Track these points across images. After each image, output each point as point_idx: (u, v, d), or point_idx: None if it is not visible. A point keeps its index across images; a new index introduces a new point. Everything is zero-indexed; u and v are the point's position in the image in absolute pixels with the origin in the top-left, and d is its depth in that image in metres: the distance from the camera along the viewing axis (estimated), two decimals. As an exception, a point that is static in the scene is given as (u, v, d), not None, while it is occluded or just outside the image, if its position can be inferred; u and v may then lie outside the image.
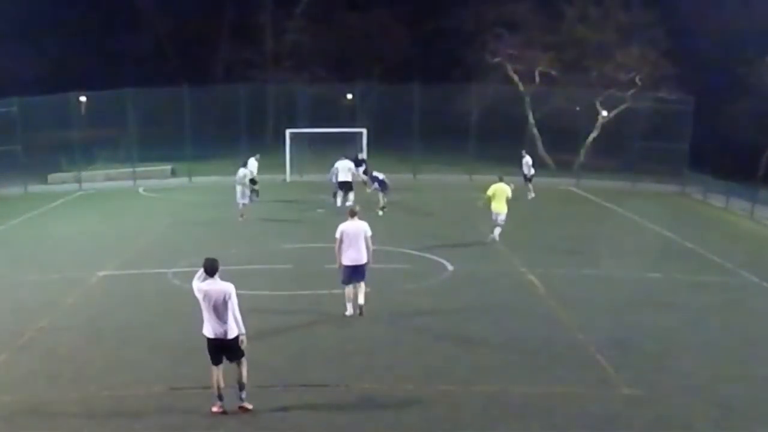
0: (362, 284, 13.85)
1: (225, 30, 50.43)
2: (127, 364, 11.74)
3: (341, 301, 14.14)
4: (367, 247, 13.65)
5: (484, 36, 38.70)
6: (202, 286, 9.73)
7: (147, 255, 19.11)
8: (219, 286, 9.69)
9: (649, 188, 32.19)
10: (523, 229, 23.00)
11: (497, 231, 20.23)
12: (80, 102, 36.00)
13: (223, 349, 9.77)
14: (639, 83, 36.20)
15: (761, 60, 35.35)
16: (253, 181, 25.10)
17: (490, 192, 20.27)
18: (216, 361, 9.82)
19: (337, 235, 13.63)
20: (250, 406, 9.98)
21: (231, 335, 9.69)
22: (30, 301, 15.06)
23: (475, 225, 23.25)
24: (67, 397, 10.54)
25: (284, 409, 10.12)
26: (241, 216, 23.28)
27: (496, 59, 38.45)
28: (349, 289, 13.81)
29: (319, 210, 25.40)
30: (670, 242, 21.71)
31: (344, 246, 13.59)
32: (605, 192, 30.54)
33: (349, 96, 43.91)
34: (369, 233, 13.70)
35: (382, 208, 24.46)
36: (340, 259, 13.65)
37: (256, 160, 27.22)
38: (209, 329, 9.73)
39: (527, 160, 29.61)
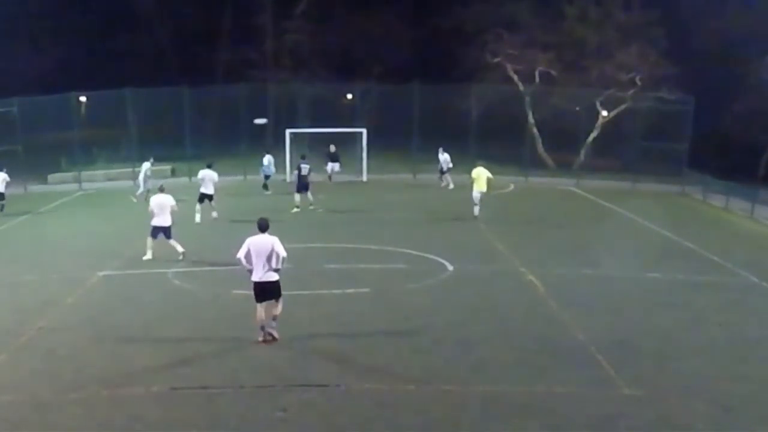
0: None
1: (225, 30, 50.38)
2: (127, 364, 11.72)
3: (341, 301, 14.64)
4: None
5: (484, 36, 38.67)
6: (253, 238, 12.33)
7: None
8: (267, 239, 12.35)
9: (649, 188, 32.16)
10: (523, 229, 23.02)
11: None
12: (80, 102, 35.99)
13: (265, 291, 12.28)
14: (639, 83, 36.18)
15: (761, 60, 35.34)
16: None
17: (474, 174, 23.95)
18: (259, 300, 12.33)
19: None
20: (276, 335, 12.30)
21: (272, 279, 12.30)
22: (30, 301, 15.05)
23: (475, 224, 23.27)
24: (67, 397, 10.53)
25: (284, 409, 10.13)
26: (145, 199, 25.46)
27: (496, 59, 38.44)
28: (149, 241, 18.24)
29: (319, 210, 25.40)
30: (670, 242, 21.70)
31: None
32: (605, 192, 30.52)
33: (349, 96, 43.89)
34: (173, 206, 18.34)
35: (311, 206, 25.46)
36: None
37: (151, 162, 28.62)
38: (256, 274, 12.28)
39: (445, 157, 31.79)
